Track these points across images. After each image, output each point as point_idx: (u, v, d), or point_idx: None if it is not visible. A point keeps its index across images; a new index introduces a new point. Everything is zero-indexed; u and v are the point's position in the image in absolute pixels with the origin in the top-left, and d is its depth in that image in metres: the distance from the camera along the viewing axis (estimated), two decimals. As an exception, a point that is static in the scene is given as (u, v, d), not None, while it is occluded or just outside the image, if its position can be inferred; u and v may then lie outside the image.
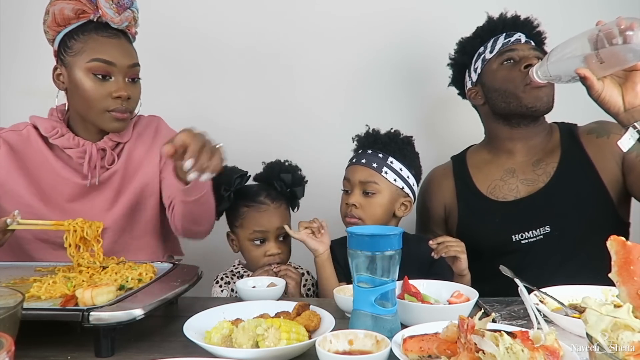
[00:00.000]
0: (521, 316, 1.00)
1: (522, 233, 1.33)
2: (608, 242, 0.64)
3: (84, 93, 1.23)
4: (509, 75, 1.33)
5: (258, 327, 0.80)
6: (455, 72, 1.53)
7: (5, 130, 1.32)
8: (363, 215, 1.33)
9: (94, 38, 1.23)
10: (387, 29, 1.87)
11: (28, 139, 1.30)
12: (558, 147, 1.38)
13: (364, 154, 1.36)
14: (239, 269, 1.39)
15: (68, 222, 1.13)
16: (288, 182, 1.35)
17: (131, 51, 1.28)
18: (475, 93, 1.44)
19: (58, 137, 1.28)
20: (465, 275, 1.20)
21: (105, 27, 1.24)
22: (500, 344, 0.63)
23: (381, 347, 0.76)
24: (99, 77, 1.22)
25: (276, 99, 1.88)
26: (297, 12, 1.87)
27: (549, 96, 1.32)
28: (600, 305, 0.60)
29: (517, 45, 1.35)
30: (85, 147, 1.28)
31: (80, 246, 1.13)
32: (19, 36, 1.86)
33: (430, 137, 1.86)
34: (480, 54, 1.41)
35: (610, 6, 1.76)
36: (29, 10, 1.85)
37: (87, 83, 1.22)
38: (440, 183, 1.51)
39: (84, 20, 1.23)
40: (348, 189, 1.36)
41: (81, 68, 1.22)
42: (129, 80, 1.26)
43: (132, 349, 0.87)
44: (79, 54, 1.23)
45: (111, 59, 1.22)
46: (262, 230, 1.32)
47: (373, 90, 1.88)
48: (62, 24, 1.24)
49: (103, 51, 1.22)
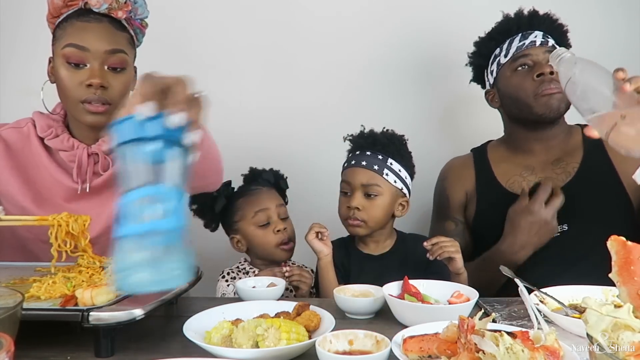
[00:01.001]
0: (521, 316, 1.00)
1: None
2: (608, 242, 0.65)
3: (60, 82, 1.18)
4: (522, 84, 1.33)
5: (258, 327, 0.80)
6: (475, 71, 1.53)
7: (7, 127, 1.28)
8: (366, 217, 1.32)
9: (72, 24, 1.18)
10: (390, 27, 1.86)
11: (28, 137, 1.26)
12: (580, 148, 1.38)
13: (363, 155, 1.35)
14: (245, 265, 1.40)
15: (52, 217, 1.08)
16: (271, 180, 1.44)
17: (113, 36, 1.19)
18: (492, 96, 1.46)
19: (52, 137, 1.23)
20: (462, 274, 1.21)
21: (87, 12, 1.17)
22: (501, 344, 0.63)
23: (381, 347, 0.76)
24: (72, 65, 1.16)
25: (278, 100, 1.88)
26: (296, 13, 1.87)
27: (560, 102, 1.31)
28: (601, 305, 0.60)
29: (532, 50, 1.34)
30: (77, 151, 1.23)
31: (67, 241, 1.08)
32: (17, 35, 1.86)
33: (433, 136, 1.87)
34: (496, 56, 1.41)
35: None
36: (27, 9, 1.85)
37: (62, 71, 1.16)
38: (460, 172, 1.51)
39: (74, 9, 1.19)
40: (348, 192, 1.35)
41: (59, 55, 1.17)
42: (108, 69, 1.18)
43: (132, 349, 0.87)
44: (58, 40, 1.18)
45: (84, 44, 1.15)
46: (263, 208, 1.36)
47: (373, 90, 1.88)
48: (55, 14, 1.20)
49: (77, 36, 1.15)
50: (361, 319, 1.03)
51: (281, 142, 1.85)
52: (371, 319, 1.04)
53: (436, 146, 1.83)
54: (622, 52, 1.84)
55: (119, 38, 1.21)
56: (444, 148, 1.77)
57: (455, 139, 1.82)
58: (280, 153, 1.48)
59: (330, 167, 1.51)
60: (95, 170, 1.24)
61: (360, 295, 1.07)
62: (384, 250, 1.38)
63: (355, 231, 1.36)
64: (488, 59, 1.44)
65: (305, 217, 1.38)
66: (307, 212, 1.42)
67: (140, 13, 1.27)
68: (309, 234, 1.29)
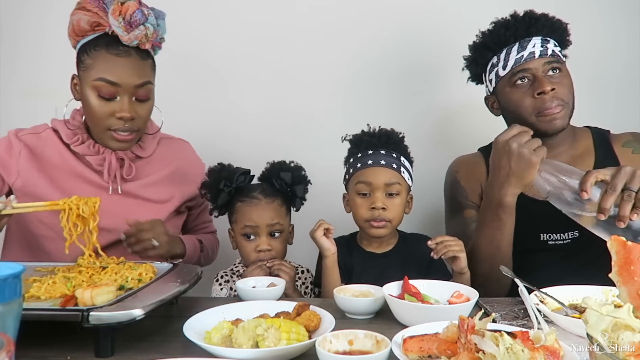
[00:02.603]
0: (521, 316, 1.00)
1: (550, 234, 1.31)
2: (608, 242, 0.65)
3: (89, 109, 1.24)
4: (522, 101, 1.28)
5: (258, 327, 0.80)
6: (473, 75, 1.47)
7: (25, 132, 1.32)
8: (390, 216, 1.31)
9: (102, 55, 1.21)
10: (388, 27, 1.86)
11: (48, 142, 1.31)
12: (591, 153, 1.36)
13: (379, 154, 1.34)
14: (239, 268, 1.39)
15: (63, 201, 1.11)
16: (287, 180, 1.34)
17: (142, 69, 1.25)
18: (493, 102, 1.41)
19: (79, 144, 1.29)
20: (465, 274, 1.20)
21: (116, 43, 1.21)
22: (501, 344, 0.63)
23: (381, 347, 0.76)
24: (104, 97, 1.21)
25: (278, 102, 1.88)
26: (293, 17, 1.86)
27: (564, 119, 1.28)
28: (601, 305, 0.60)
29: (531, 63, 1.27)
30: (104, 155, 1.29)
31: (77, 224, 1.11)
32: (19, 37, 1.86)
33: (430, 138, 1.87)
34: (494, 65, 1.35)
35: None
36: (29, 11, 1.85)
37: (92, 100, 1.22)
38: (472, 168, 1.47)
39: (100, 32, 1.22)
40: (367, 192, 1.33)
41: (88, 84, 1.22)
42: (136, 100, 1.24)
43: (132, 349, 0.87)
44: (88, 69, 1.22)
45: (116, 80, 1.20)
46: (252, 225, 1.31)
47: (371, 90, 1.88)
48: (80, 34, 1.23)
49: (109, 71, 1.20)
50: (361, 319, 1.03)
51: (281, 142, 1.85)
52: (371, 319, 1.04)
53: (437, 148, 1.83)
54: (622, 51, 1.84)
55: (146, 68, 1.26)
56: (445, 150, 1.77)
57: (457, 142, 1.82)
58: (280, 153, 1.47)
59: (329, 167, 1.51)
60: (122, 173, 1.31)
61: (360, 295, 1.07)
62: (387, 248, 1.38)
63: (379, 233, 1.33)
64: (485, 67, 1.39)
65: (305, 217, 1.38)
66: (307, 212, 1.42)
67: (161, 33, 1.30)
68: (317, 231, 1.26)
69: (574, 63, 1.37)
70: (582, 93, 1.35)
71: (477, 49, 1.40)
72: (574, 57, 1.39)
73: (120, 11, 1.18)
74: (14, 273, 0.66)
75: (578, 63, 1.41)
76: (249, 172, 1.35)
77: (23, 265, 0.70)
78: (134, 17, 1.20)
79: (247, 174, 1.35)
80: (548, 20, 1.32)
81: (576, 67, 1.36)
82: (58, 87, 1.78)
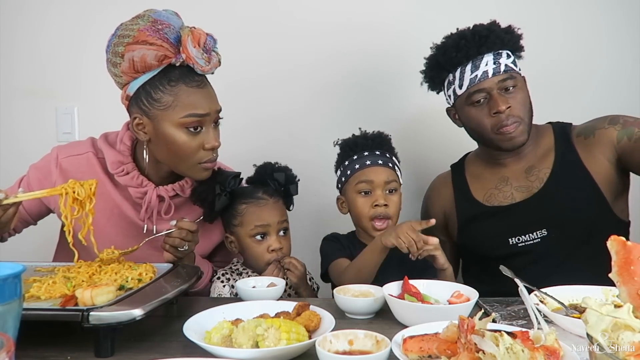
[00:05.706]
0: (521, 316, 1.00)
1: (518, 236, 1.33)
2: (608, 242, 0.64)
3: (175, 147, 1.18)
4: (480, 120, 1.31)
5: (258, 327, 0.80)
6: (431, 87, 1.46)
7: (65, 154, 1.29)
8: (391, 213, 1.36)
9: (184, 90, 1.16)
10: (381, 30, 1.86)
11: (89, 166, 1.27)
12: (551, 151, 1.37)
13: (374, 155, 1.39)
14: (238, 266, 1.39)
15: (61, 187, 1.09)
16: (282, 181, 1.37)
17: (215, 94, 1.23)
18: (454, 114, 1.42)
19: (123, 175, 1.24)
20: (446, 269, 1.22)
21: (190, 73, 1.17)
22: (501, 344, 0.63)
23: (381, 347, 0.76)
24: (191, 129, 1.17)
25: (278, 103, 1.88)
26: (290, 21, 1.85)
27: (522, 135, 1.30)
28: (601, 305, 0.60)
29: (485, 83, 1.28)
30: (147, 189, 1.25)
31: (75, 208, 1.09)
32: (19, 37, 1.86)
33: (429, 142, 1.86)
34: (450, 83, 1.36)
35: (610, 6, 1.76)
36: (29, 11, 1.85)
37: (180, 137, 1.17)
38: (440, 191, 1.53)
39: (166, 64, 1.15)
40: (368, 191, 1.36)
41: (173, 123, 1.16)
42: (214, 126, 1.22)
43: (132, 349, 0.87)
44: (171, 108, 1.16)
45: (204, 111, 1.17)
46: (263, 224, 1.32)
47: (364, 92, 1.87)
48: (142, 70, 1.14)
49: (197, 105, 1.17)
50: (361, 319, 1.03)
51: (280, 142, 1.85)
52: (371, 319, 1.04)
53: (431, 151, 1.83)
54: (622, 52, 1.84)
55: (214, 90, 1.24)
56: (438, 153, 1.77)
57: (453, 143, 1.81)
58: (280, 154, 1.46)
59: (330, 167, 1.51)
60: (159, 209, 1.27)
61: (360, 295, 1.07)
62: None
63: (382, 229, 1.35)
64: (442, 84, 1.40)
65: (302, 217, 1.38)
66: (307, 213, 1.42)
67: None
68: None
69: (564, 62, 1.36)
70: (570, 91, 1.34)
71: (432, 67, 1.40)
72: (564, 56, 1.38)
73: (198, 41, 1.13)
74: (14, 273, 0.66)
75: (568, 61, 1.40)
76: (239, 175, 1.36)
77: (23, 265, 0.70)
78: (208, 44, 1.16)
79: (237, 177, 1.35)
80: (498, 36, 1.31)
81: (573, 66, 1.36)
82: (58, 87, 1.79)
